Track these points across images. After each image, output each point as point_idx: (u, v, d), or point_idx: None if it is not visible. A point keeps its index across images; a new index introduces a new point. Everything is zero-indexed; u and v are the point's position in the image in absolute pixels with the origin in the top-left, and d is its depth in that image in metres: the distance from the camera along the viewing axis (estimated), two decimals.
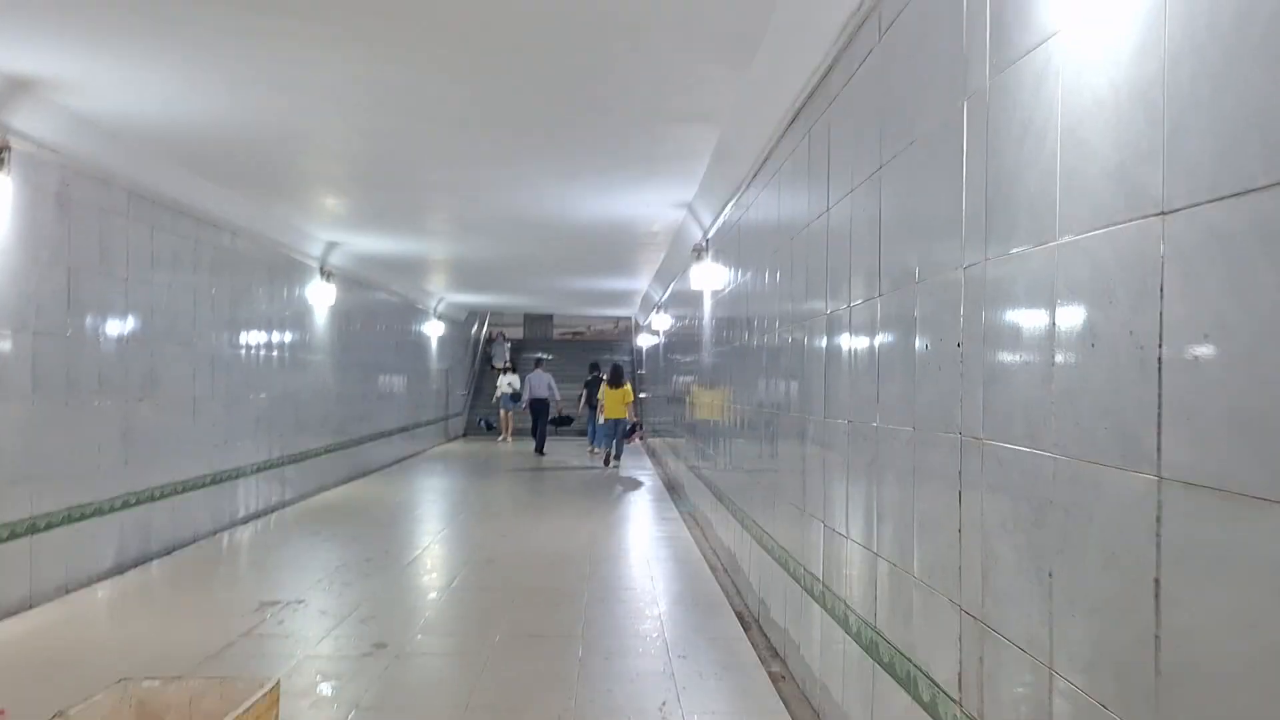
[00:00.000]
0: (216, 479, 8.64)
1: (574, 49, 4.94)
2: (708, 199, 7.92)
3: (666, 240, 10.94)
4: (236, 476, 9.13)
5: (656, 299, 15.99)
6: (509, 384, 20.95)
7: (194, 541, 8.07)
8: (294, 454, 10.77)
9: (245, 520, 9.25)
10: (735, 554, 6.93)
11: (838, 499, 3.90)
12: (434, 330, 19.81)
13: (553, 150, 7.00)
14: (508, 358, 26.46)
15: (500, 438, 21.53)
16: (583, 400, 18.39)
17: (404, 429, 16.73)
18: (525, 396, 18.67)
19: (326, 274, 11.90)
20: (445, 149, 7.11)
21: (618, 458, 15.83)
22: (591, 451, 17.56)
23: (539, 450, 18.00)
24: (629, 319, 28.18)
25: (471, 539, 8.74)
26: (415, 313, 18.10)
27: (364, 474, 13.79)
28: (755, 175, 6.07)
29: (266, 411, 9.96)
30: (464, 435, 23.25)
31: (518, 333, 30.54)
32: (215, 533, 8.51)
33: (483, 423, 22.62)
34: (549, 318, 30.36)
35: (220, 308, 8.79)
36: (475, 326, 26.53)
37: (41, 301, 6.01)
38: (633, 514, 10.37)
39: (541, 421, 18.12)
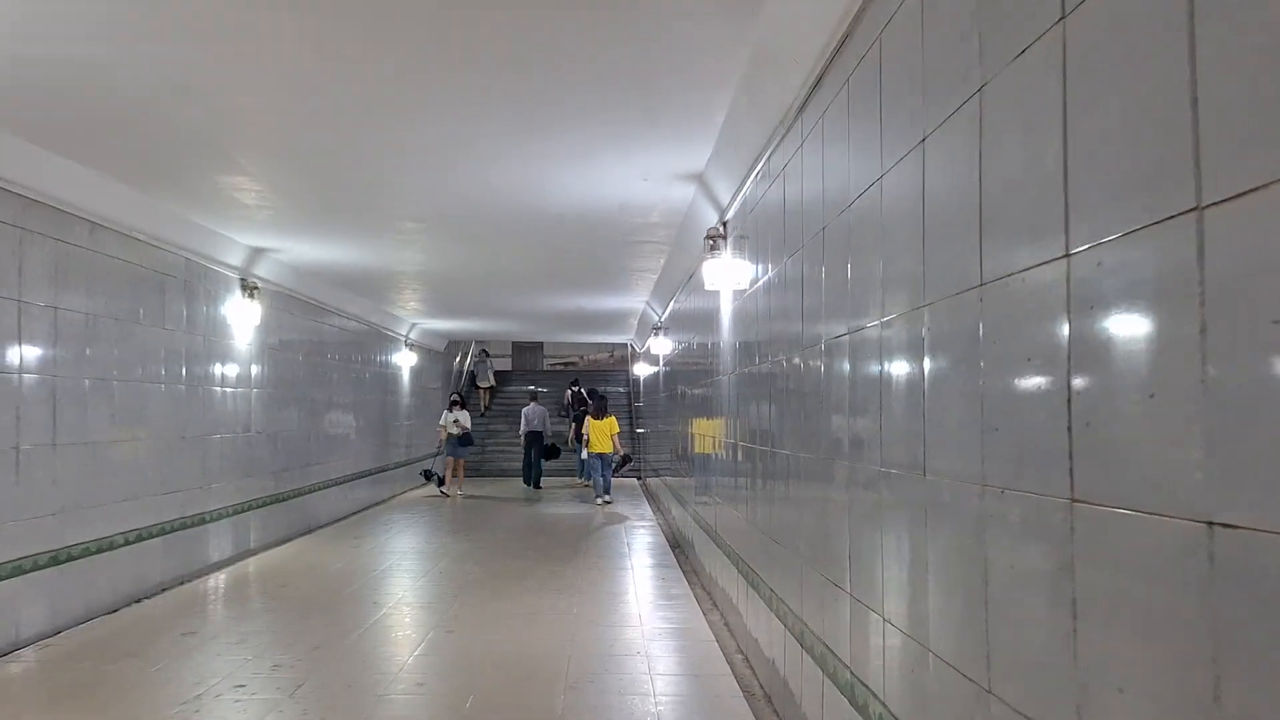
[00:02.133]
0: (57, 559, 6.31)
1: None
2: (730, 160, 5.68)
3: (669, 237, 8.69)
4: (97, 551, 6.81)
5: (656, 319, 13.74)
6: (455, 422, 16.34)
7: (10, 652, 5.75)
8: (198, 514, 8.44)
9: (110, 610, 6.92)
10: (780, 668, 4.61)
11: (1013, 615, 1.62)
12: (405, 361, 17.53)
13: (522, 91, 4.77)
14: (492, 377, 24.02)
15: (444, 491, 16.30)
16: (571, 433, 18.54)
17: (366, 474, 14.40)
18: (521, 429, 18.25)
19: (250, 289, 9.63)
20: (384, 98, 4.92)
21: (607, 491, 15.15)
22: (584, 485, 17.47)
23: (535, 484, 17.80)
24: (625, 347, 25.94)
25: (407, 634, 6.40)
26: (381, 340, 15.82)
27: (308, 530, 11.44)
28: (810, 97, 3.82)
29: (154, 461, 7.65)
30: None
31: (506, 364, 28.28)
32: (49, 635, 6.18)
33: (422, 473, 17.14)
34: (539, 346, 28.14)
35: (69, 327, 6.51)
36: (458, 358, 24.25)
37: None
38: (628, 587, 8.02)
39: (537, 454, 17.93)
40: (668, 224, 8.11)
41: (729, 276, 6.40)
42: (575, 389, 21.78)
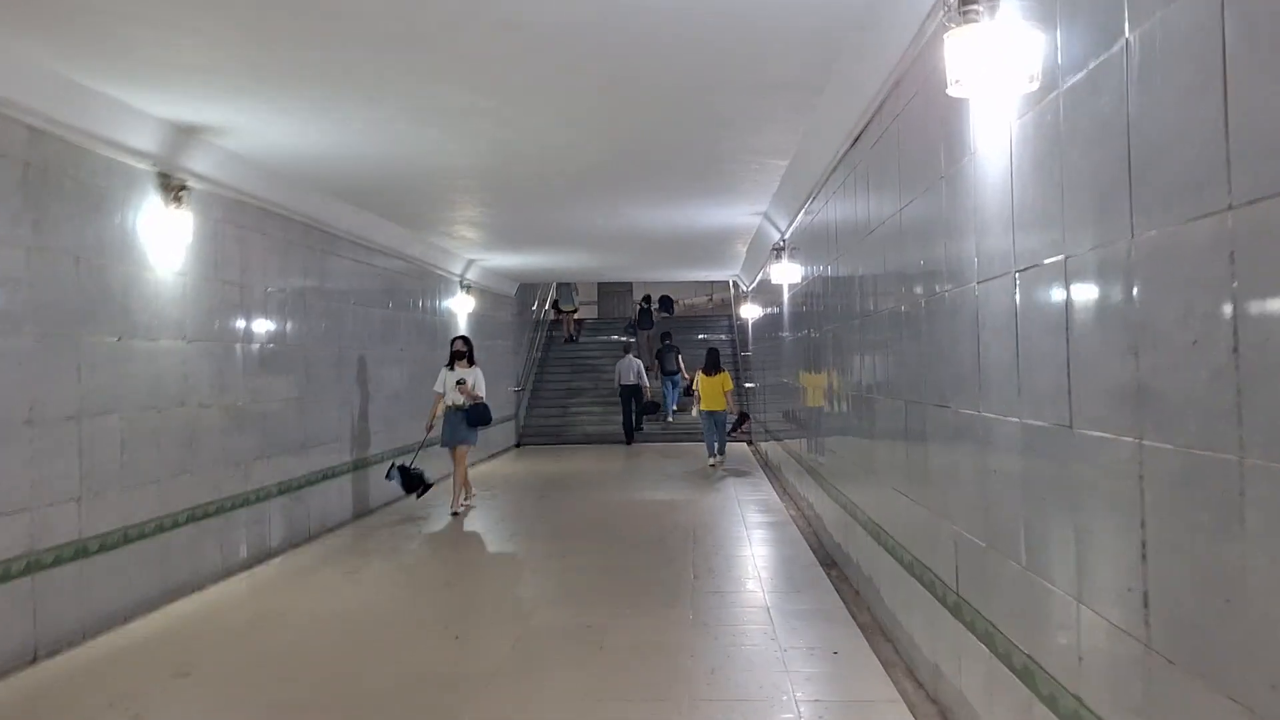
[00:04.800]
0: None
1: None
2: None
3: (824, 65, 5.05)
4: None
5: (778, 237, 10.11)
6: (458, 385, 9.66)
7: None
8: (51, 549, 5.26)
9: None
10: None
11: None
12: (462, 306, 14.25)
13: None
14: (576, 300, 21.21)
15: (452, 507, 9.65)
16: (654, 371, 17.93)
17: (391, 454, 11.16)
18: (616, 383, 17.20)
19: (175, 191, 6.37)
20: None
21: (721, 453, 13.52)
22: (668, 420, 17.80)
23: (629, 440, 17.03)
24: (727, 288, 22.31)
25: None
26: (426, 281, 12.53)
27: (269, 555, 8.29)
28: None
29: None
30: (518, 445, 17.76)
31: (591, 311, 24.90)
32: None
33: (394, 470, 9.52)
34: (627, 289, 24.65)
35: None
36: (535, 306, 20.87)
37: None
38: (777, 679, 4.54)
39: (635, 408, 17.08)
40: (828, 29, 4.45)
41: (1004, 63, 2.80)
42: (646, 305, 20.05)
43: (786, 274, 9.89)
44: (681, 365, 17.72)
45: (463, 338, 10.27)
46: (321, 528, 8.72)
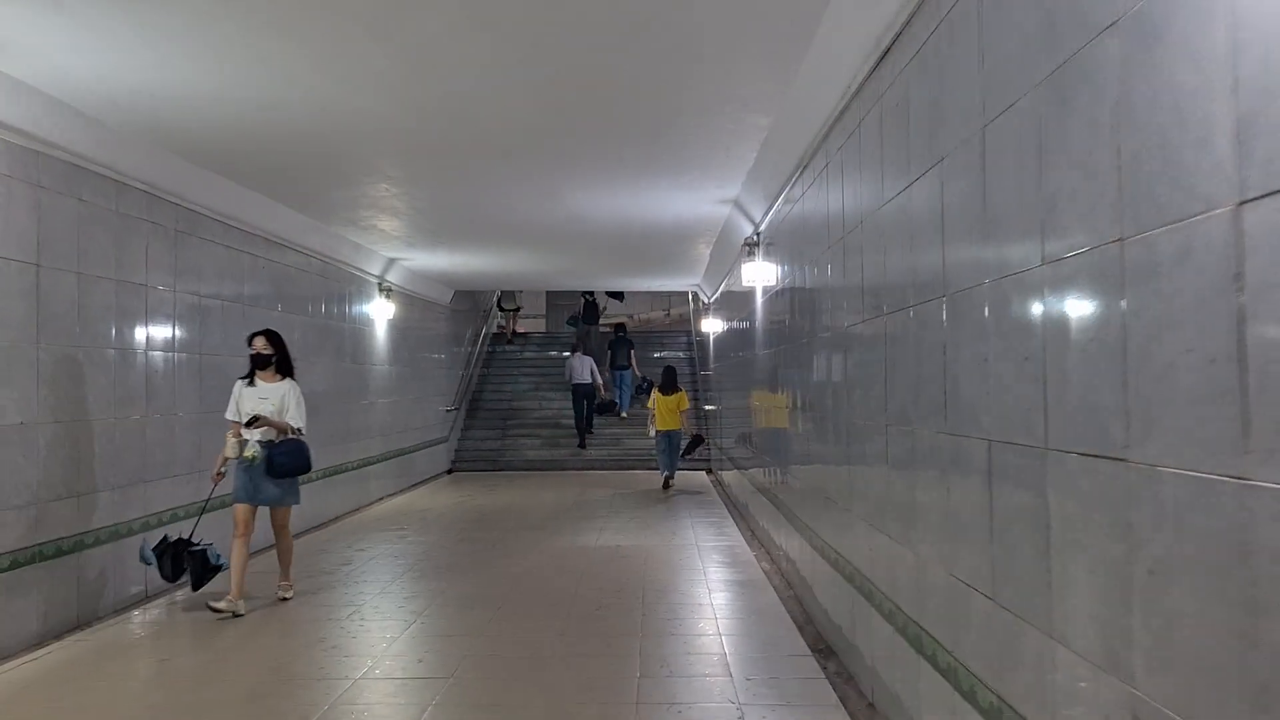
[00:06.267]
0: None
1: None
2: None
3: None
4: None
5: (751, 231, 8.38)
6: (249, 422, 6.18)
7: None
8: None
9: None
10: None
11: None
12: (380, 313, 12.31)
13: None
14: (518, 300, 19.39)
15: (280, 591, 6.51)
16: (607, 366, 17.18)
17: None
18: (568, 380, 16.36)
19: None
20: None
21: (671, 475, 12.92)
22: (619, 415, 16.95)
23: (582, 443, 16.22)
24: (685, 302, 20.63)
25: None
26: (333, 282, 10.59)
27: (170, 589, 6.34)
28: None
29: None
30: (450, 471, 15.83)
31: (538, 325, 23.03)
32: None
33: (148, 550, 5.92)
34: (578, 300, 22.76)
35: None
36: (477, 320, 18.89)
37: None
38: None
39: (587, 408, 16.32)
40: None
41: None
42: (589, 297, 18.64)
43: (761, 274, 8.18)
44: (634, 360, 17.29)
45: (266, 334, 6.61)
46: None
